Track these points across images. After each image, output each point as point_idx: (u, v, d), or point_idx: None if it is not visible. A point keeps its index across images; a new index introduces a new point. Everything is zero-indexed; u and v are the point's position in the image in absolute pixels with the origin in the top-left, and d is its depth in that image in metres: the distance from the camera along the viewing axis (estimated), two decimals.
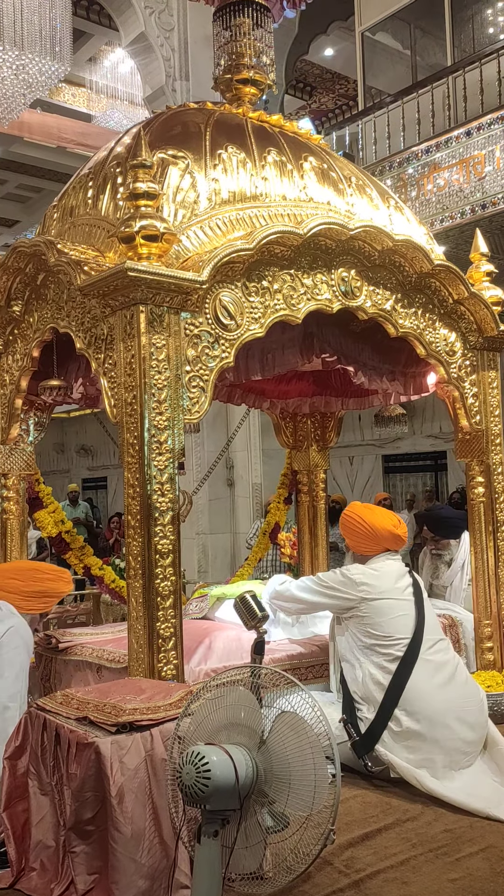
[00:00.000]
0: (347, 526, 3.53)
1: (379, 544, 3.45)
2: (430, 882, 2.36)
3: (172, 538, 2.97)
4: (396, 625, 3.21)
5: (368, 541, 3.45)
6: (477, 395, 4.06)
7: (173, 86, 10.04)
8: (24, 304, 3.65)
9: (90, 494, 19.13)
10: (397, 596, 3.29)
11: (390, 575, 3.37)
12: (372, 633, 3.21)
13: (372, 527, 3.43)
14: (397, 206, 4.03)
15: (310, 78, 15.44)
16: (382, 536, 3.43)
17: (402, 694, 3.06)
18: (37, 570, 3.23)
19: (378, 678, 3.13)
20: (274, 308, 3.30)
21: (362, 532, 3.45)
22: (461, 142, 8.72)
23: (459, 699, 3.13)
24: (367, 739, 3.06)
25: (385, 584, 3.31)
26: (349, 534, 3.53)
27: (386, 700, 3.07)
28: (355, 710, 3.15)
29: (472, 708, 3.15)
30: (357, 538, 3.49)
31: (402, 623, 3.22)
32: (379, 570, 3.37)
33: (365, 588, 3.28)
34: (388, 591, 3.29)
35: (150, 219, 2.93)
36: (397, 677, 3.09)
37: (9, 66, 7.99)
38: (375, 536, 3.43)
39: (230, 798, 2.00)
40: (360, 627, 3.25)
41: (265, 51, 4.12)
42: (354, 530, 3.48)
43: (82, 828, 2.27)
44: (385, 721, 3.05)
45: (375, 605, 3.24)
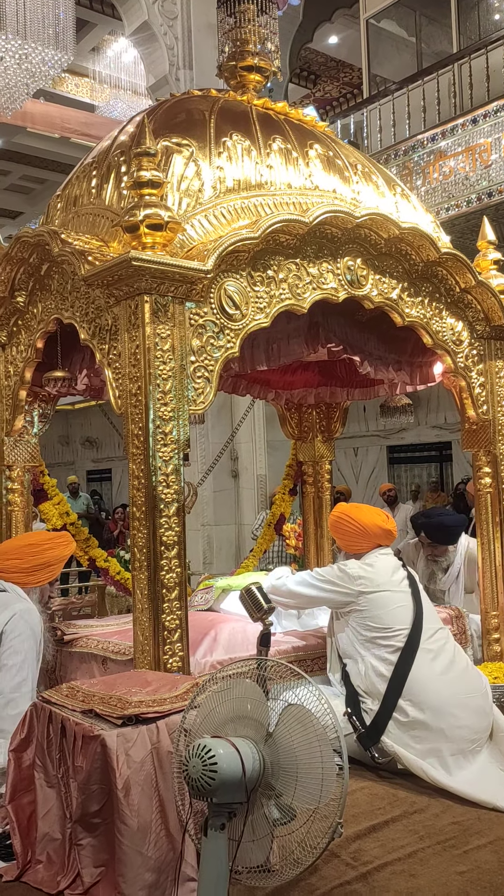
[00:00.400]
0: (338, 527, 3.55)
1: (370, 541, 3.47)
2: (438, 874, 2.35)
3: (177, 530, 2.96)
4: (396, 616, 3.22)
5: (360, 538, 3.48)
6: (484, 385, 4.03)
7: (177, 75, 9.98)
8: (27, 295, 3.63)
9: (95, 486, 19.16)
10: (394, 588, 3.31)
11: (385, 568, 3.39)
12: (372, 625, 3.23)
13: (363, 525, 3.45)
14: (403, 193, 3.99)
15: (314, 66, 15.34)
16: (373, 533, 3.46)
17: (405, 684, 3.07)
18: (33, 545, 3.20)
19: (380, 670, 3.13)
20: (279, 298, 3.27)
21: (353, 531, 3.47)
22: (467, 129, 8.65)
23: (462, 687, 3.14)
24: (373, 731, 3.06)
25: (381, 577, 3.33)
26: (340, 534, 3.55)
27: (389, 690, 3.07)
28: (359, 703, 3.14)
29: (476, 695, 3.16)
30: (348, 537, 3.51)
31: (401, 614, 3.23)
32: (373, 564, 3.39)
33: (362, 581, 3.30)
34: (385, 584, 3.31)
35: (155, 207, 2.90)
36: (399, 667, 3.10)
37: (11, 55, 7.94)
38: (366, 534, 3.46)
39: (237, 791, 1.98)
40: (359, 621, 3.26)
41: (270, 37, 4.07)
42: (345, 530, 3.50)
43: (89, 820, 2.26)
44: (389, 712, 3.05)
45: (373, 598, 3.26)
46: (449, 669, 3.17)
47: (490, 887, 2.29)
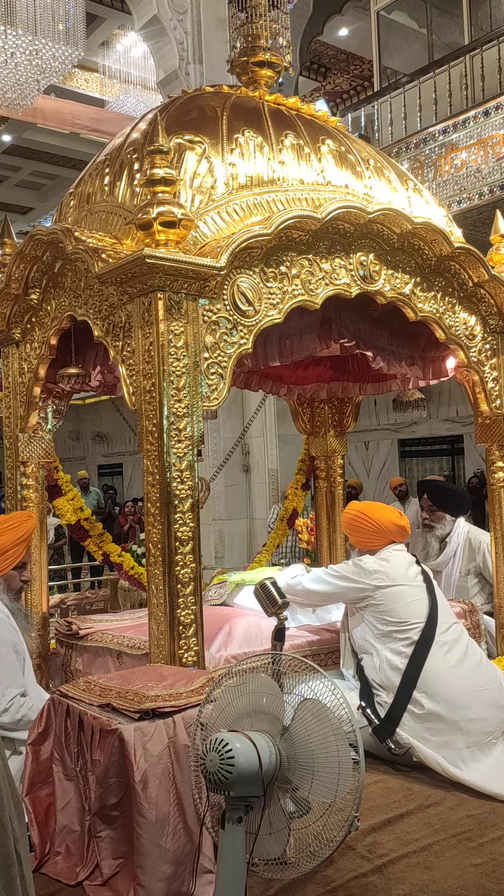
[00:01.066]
0: (353, 524, 3.56)
1: (385, 538, 3.50)
2: (453, 867, 2.37)
3: (192, 525, 2.98)
4: (411, 610, 3.25)
5: (375, 536, 3.50)
6: (497, 379, 4.02)
7: (187, 69, 9.96)
8: (41, 293, 3.65)
9: (106, 481, 19.22)
10: (409, 582, 3.34)
11: (400, 563, 3.41)
12: (388, 619, 3.25)
13: (378, 522, 3.48)
14: (416, 188, 3.98)
15: (324, 59, 15.27)
16: (388, 530, 3.48)
17: (419, 676, 3.09)
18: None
19: (395, 663, 3.15)
20: (292, 293, 3.28)
21: (369, 528, 3.49)
22: (479, 122, 8.60)
23: (477, 680, 3.17)
24: (388, 723, 3.08)
25: (396, 571, 3.36)
26: (355, 532, 3.57)
27: (404, 683, 3.09)
28: (373, 696, 3.16)
29: (490, 687, 3.17)
30: (363, 534, 3.52)
31: (416, 608, 3.26)
32: (388, 559, 3.42)
33: (378, 575, 3.32)
34: (401, 578, 3.33)
35: (168, 205, 2.91)
36: (414, 660, 3.12)
37: (22, 51, 7.95)
38: (381, 530, 3.48)
39: (254, 785, 2.00)
40: (375, 615, 3.28)
41: (281, 32, 4.06)
42: (360, 527, 3.52)
43: (107, 813, 2.29)
44: (404, 703, 3.07)
45: (389, 592, 3.28)
46: (463, 662, 3.19)
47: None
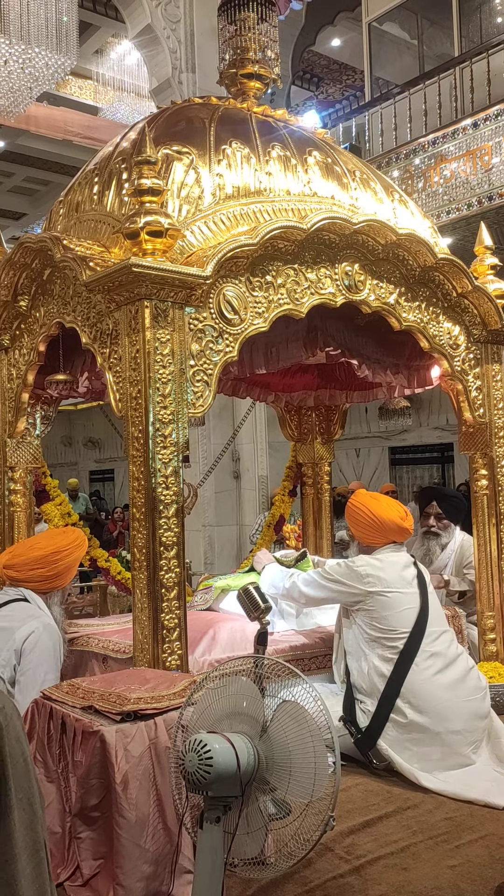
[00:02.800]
0: (354, 517, 3.50)
1: (385, 536, 3.44)
2: (430, 868, 2.40)
3: (176, 530, 3.01)
4: (402, 618, 3.21)
5: (375, 532, 3.44)
6: (480, 389, 4.08)
7: (180, 78, 10.03)
8: (30, 300, 3.69)
9: (97, 487, 19.23)
10: (403, 588, 3.28)
11: (395, 566, 3.35)
12: (377, 626, 3.22)
13: (380, 519, 3.41)
14: (401, 199, 4.04)
15: (317, 69, 15.40)
16: (389, 529, 3.42)
17: (402, 686, 3.07)
18: (56, 552, 3.08)
19: (382, 670, 3.14)
20: (278, 302, 3.33)
21: (369, 523, 3.43)
22: (468, 133, 8.70)
23: (461, 691, 3.14)
24: (368, 738, 3.06)
25: (390, 575, 3.30)
26: (355, 524, 3.51)
27: (385, 695, 3.07)
28: (356, 703, 3.16)
29: (475, 697, 3.16)
30: (363, 529, 3.47)
31: (407, 616, 3.22)
32: (384, 560, 3.36)
33: (370, 580, 3.27)
34: (394, 583, 3.27)
35: (155, 215, 2.96)
36: (398, 668, 3.10)
37: (15, 59, 8.00)
38: (382, 528, 3.42)
39: (232, 785, 2.03)
40: (366, 620, 3.26)
41: (270, 45, 4.12)
42: (361, 521, 3.46)
43: (88, 814, 2.32)
44: (385, 716, 3.05)
45: (381, 599, 3.24)
46: (448, 672, 3.15)
47: (480, 881, 2.35)
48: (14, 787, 1.26)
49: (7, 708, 1.29)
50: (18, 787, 1.27)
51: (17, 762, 1.27)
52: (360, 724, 3.10)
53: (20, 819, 1.26)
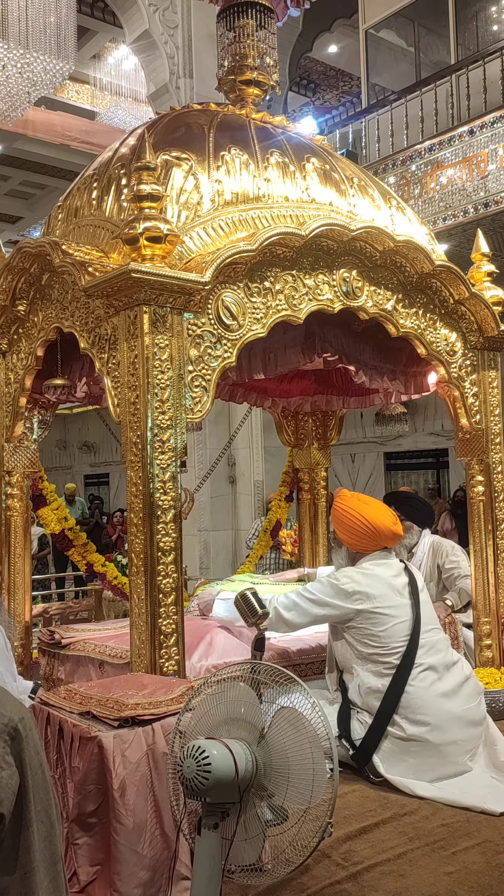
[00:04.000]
0: (344, 522, 3.27)
1: (377, 543, 3.25)
2: (427, 875, 2.40)
3: (174, 536, 3.01)
4: (393, 633, 3.07)
5: (367, 539, 3.24)
6: (477, 395, 4.10)
7: (177, 83, 10.08)
8: (28, 304, 3.69)
9: (93, 490, 19.21)
10: (394, 600, 3.11)
11: (384, 576, 3.17)
12: (369, 643, 3.08)
13: (373, 525, 3.20)
14: (399, 206, 4.06)
15: (314, 75, 15.45)
16: (382, 535, 3.23)
17: (399, 702, 2.99)
18: None
19: (376, 686, 3.04)
20: (276, 308, 3.34)
21: (360, 530, 3.23)
22: (464, 140, 8.74)
23: (459, 698, 3.09)
24: (363, 752, 3.00)
25: (379, 589, 3.12)
26: (344, 529, 3.28)
27: (382, 709, 3.00)
28: (350, 720, 3.09)
29: (472, 705, 3.12)
30: (353, 535, 3.26)
31: (399, 630, 3.07)
32: (371, 573, 3.18)
33: (358, 597, 3.09)
34: (384, 597, 3.10)
35: (154, 220, 2.97)
36: (394, 685, 3.01)
37: (13, 64, 8.01)
38: (375, 535, 3.23)
39: (230, 791, 2.03)
40: (356, 637, 3.11)
41: (268, 52, 4.14)
42: (352, 527, 3.25)
43: (85, 820, 2.31)
44: (382, 730, 2.99)
45: (372, 617, 3.07)
46: (446, 682, 3.08)
47: (477, 888, 2.35)
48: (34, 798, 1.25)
49: (27, 719, 1.28)
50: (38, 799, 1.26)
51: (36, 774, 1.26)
52: (357, 736, 3.05)
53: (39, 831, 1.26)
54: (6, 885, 1.23)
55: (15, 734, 1.25)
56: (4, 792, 1.21)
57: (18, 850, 1.24)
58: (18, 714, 1.28)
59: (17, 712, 1.28)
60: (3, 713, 1.25)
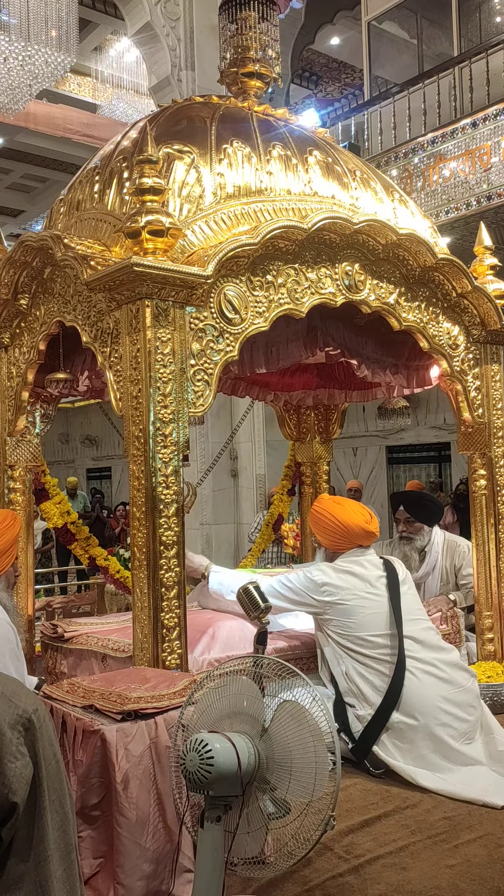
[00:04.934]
0: (318, 522, 3.41)
1: (350, 541, 3.35)
2: (429, 868, 2.41)
3: (177, 530, 3.01)
4: (367, 624, 3.13)
5: (339, 538, 3.35)
6: (479, 389, 4.09)
7: (179, 76, 10.04)
8: (30, 298, 3.69)
9: (95, 484, 19.21)
10: (365, 592, 3.19)
11: (355, 570, 3.26)
12: (344, 633, 3.15)
13: (344, 524, 3.32)
14: (402, 199, 4.05)
15: (316, 67, 15.40)
16: (354, 533, 3.34)
17: (399, 699, 3.02)
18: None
19: (365, 674, 3.08)
20: (278, 302, 3.33)
21: (333, 529, 3.35)
22: (467, 132, 8.72)
23: (448, 684, 3.11)
24: (363, 745, 3.02)
25: (350, 581, 3.21)
26: (319, 529, 3.42)
27: (383, 707, 3.02)
28: (346, 712, 3.11)
29: (463, 688, 3.13)
30: (328, 535, 3.39)
31: (373, 621, 3.13)
32: (342, 567, 3.27)
33: (327, 589, 3.19)
34: (354, 589, 3.18)
35: (156, 214, 2.96)
36: (394, 685, 3.04)
37: (15, 56, 7.99)
38: (347, 533, 3.33)
39: (233, 784, 2.04)
40: (335, 630, 3.19)
41: (271, 44, 4.12)
42: (325, 526, 3.38)
43: (88, 813, 2.32)
44: (382, 725, 3.01)
45: (340, 608, 3.16)
46: (435, 670, 3.11)
47: (479, 880, 2.36)
48: (48, 788, 1.27)
49: (40, 710, 1.30)
50: (51, 790, 1.28)
51: (49, 764, 1.29)
52: (353, 730, 3.06)
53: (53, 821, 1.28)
54: (21, 873, 1.25)
55: (29, 725, 1.27)
56: (18, 782, 1.23)
57: (32, 839, 1.26)
58: (33, 706, 1.29)
59: (32, 704, 1.29)
60: (17, 704, 1.27)
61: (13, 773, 1.22)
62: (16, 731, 1.25)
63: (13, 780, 1.22)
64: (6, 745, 1.23)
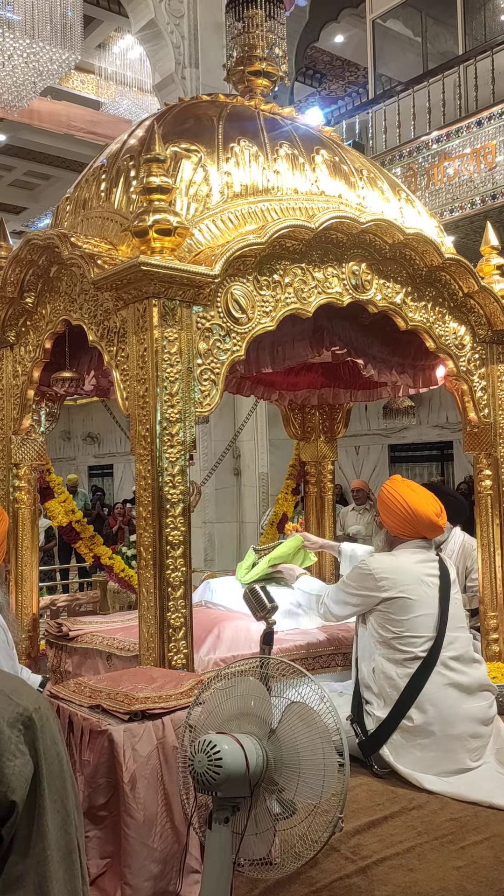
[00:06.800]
0: (387, 504, 3.30)
1: (416, 531, 3.26)
2: (435, 869, 2.41)
3: (183, 529, 3.01)
4: (417, 624, 3.09)
5: (407, 525, 3.26)
6: (485, 389, 4.08)
7: (183, 73, 10.03)
8: (36, 296, 3.68)
9: (96, 482, 19.22)
10: (419, 593, 3.13)
11: (414, 566, 3.20)
12: (390, 628, 3.11)
13: (415, 511, 3.22)
14: (408, 198, 4.04)
15: (320, 65, 15.38)
16: (422, 523, 3.24)
17: (418, 696, 3.00)
18: None
19: (391, 674, 3.06)
20: (285, 301, 3.32)
21: (402, 515, 3.25)
22: (472, 131, 8.70)
23: (472, 698, 3.08)
24: (373, 741, 3.01)
25: (407, 577, 3.15)
26: (388, 513, 3.31)
27: (400, 702, 3.00)
28: (363, 705, 3.12)
29: (483, 704, 3.11)
30: (395, 520, 3.28)
31: (423, 622, 3.09)
32: (401, 561, 3.22)
33: (385, 584, 3.14)
34: (410, 585, 3.13)
35: (164, 213, 2.95)
36: (415, 679, 3.01)
37: (19, 54, 7.98)
38: (415, 522, 3.24)
39: (241, 786, 2.04)
40: (379, 621, 3.14)
41: (277, 42, 4.11)
42: (394, 511, 3.27)
43: (95, 813, 2.32)
44: (394, 724, 3.00)
45: (396, 603, 3.11)
46: (463, 678, 3.08)
47: (486, 882, 2.35)
48: (48, 787, 1.27)
49: (43, 709, 1.29)
50: (52, 789, 1.27)
51: (52, 763, 1.28)
52: (366, 727, 3.06)
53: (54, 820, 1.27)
54: (21, 872, 1.24)
55: (29, 723, 1.26)
56: (17, 780, 1.22)
57: (32, 838, 1.25)
58: (34, 704, 1.28)
59: (34, 702, 1.29)
60: (18, 702, 1.26)
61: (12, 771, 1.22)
62: (15, 729, 1.24)
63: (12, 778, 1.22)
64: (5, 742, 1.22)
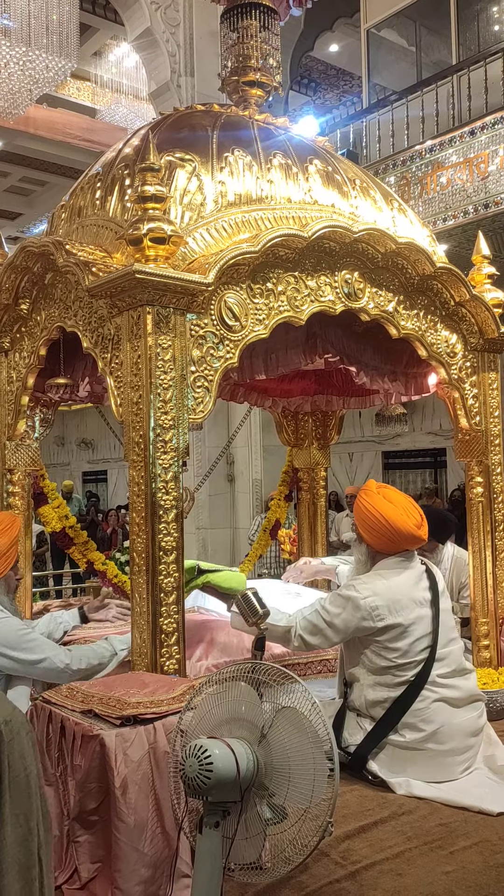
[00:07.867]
0: (365, 520, 3.15)
1: (397, 546, 3.13)
2: (425, 874, 2.42)
3: (176, 535, 3.03)
4: (411, 648, 2.99)
5: (386, 541, 3.12)
6: (477, 396, 4.11)
7: (178, 81, 10.08)
8: (31, 303, 3.70)
9: (90, 487, 19.21)
10: (415, 613, 3.01)
11: (405, 585, 3.06)
12: (385, 656, 2.99)
13: (394, 527, 3.07)
14: (401, 208, 4.08)
15: (314, 74, 15.46)
16: (403, 538, 3.11)
17: (404, 715, 2.95)
18: None
19: (381, 699, 3.00)
20: (278, 309, 3.35)
21: (380, 530, 3.11)
22: (465, 141, 8.76)
23: (463, 710, 3.06)
24: (357, 760, 2.97)
25: (402, 601, 3.01)
26: (365, 528, 3.17)
27: (385, 720, 2.97)
28: (347, 720, 3.06)
29: (473, 715, 3.09)
30: (373, 535, 3.14)
31: (416, 646, 3.00)
32: (391, 583, 3.05)
33: (380, 613, 2.97)
34: (405, 608, 3.00)
35: (158, 221, 2.98)
36: (403, 699, 2.96)
37: (15, 61, 8.01)
38: (396, 538, 3.10)
39: (231, 790, 2.05)
40: (374, 651, 3.01)
41: (272, 53, 4.15)
42: (372, 527, 3.13)
43: (86, 818, 2.33)
44: (377, 741, 2.96)
45: (392, 631, 2.98)
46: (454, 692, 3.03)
47: (475, 887, 2.37)
48: (10, 800, 1.25)
49: (14, 722, 1.28)
50: (15, 803, 1.26)
51: (17, 776, 1.27)
52: (354, 740, 3.02)
53: (13, 834, 1.26)
54: None
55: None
56: None
57: None
58: (6, 716, 1.28)
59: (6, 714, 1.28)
60: None
61: None
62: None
63: None
64: None
